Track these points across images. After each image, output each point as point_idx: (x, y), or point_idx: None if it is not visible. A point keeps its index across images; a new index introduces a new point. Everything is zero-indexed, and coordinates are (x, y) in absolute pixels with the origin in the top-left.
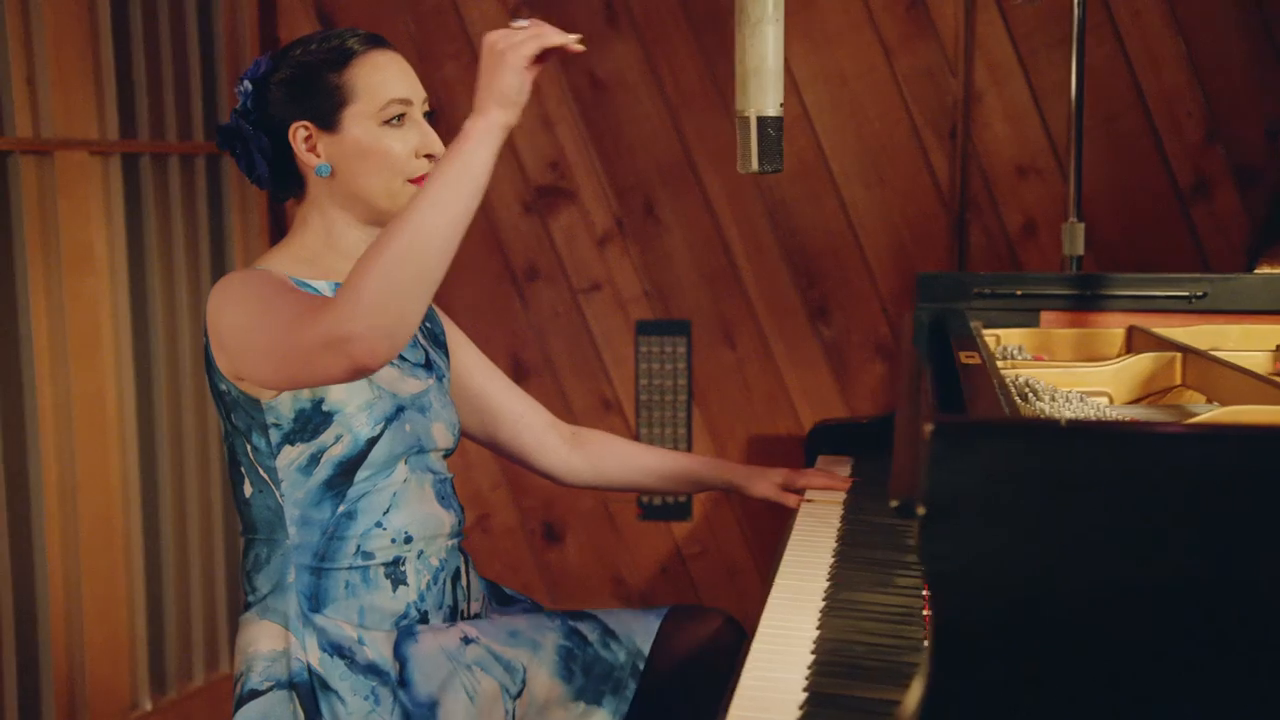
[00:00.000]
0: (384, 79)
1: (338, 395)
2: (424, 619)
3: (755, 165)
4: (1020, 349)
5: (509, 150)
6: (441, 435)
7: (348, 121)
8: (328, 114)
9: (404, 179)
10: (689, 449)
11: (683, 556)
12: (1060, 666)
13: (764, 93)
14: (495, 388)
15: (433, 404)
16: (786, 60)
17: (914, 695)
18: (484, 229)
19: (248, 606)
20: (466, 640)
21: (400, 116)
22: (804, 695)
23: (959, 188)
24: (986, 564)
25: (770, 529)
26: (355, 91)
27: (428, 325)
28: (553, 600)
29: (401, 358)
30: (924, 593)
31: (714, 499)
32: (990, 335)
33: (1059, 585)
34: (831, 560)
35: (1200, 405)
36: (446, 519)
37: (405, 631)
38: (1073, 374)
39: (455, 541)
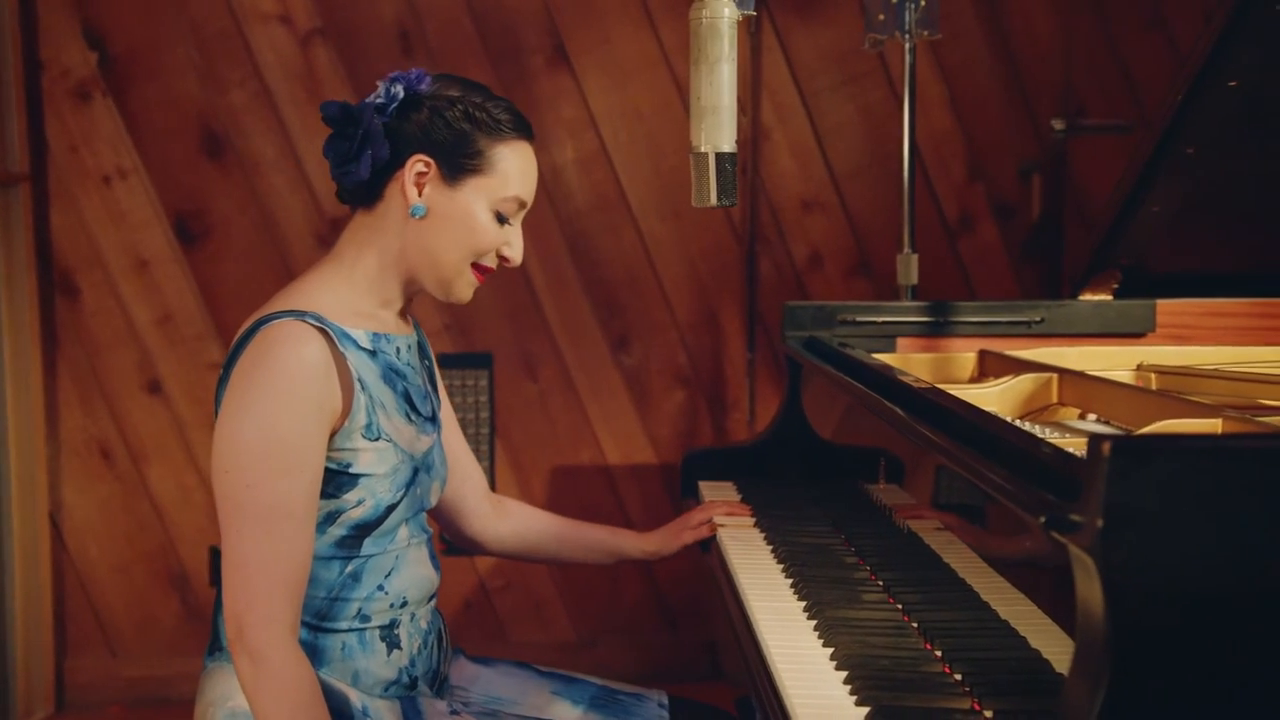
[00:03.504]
0: (521, 174)
1: (368, 460)
2: (412, 684)
3: (714, 200)
4: None
5: (301, 181)
6: (436, 493)
7: (469, 187)
8: (457, 169)
9: (471, 261)
10: (492, 484)
11: (487, 590)
12: (1232, 667)
13: (721, 129)
14: (457, 440)
15: (435, 461)
16: (583, 96)
17: (1078, 696)
18: (275, 262)
19: (214, 653)
20: None
21: (508, 216)
22: (865, 710)
23: (749, 221)
24: (1160, 571)
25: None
26: (493, 168)
27: (427, 363)
28: None
29: (418, 412)
30: (898, 606)
31: None
32: None
33: (1230, 589)
34: (789, 581)
35: (1076, 420)
36: (435, 579)
37: (409, 703)
38: (965, 393)
39: (435, 602)
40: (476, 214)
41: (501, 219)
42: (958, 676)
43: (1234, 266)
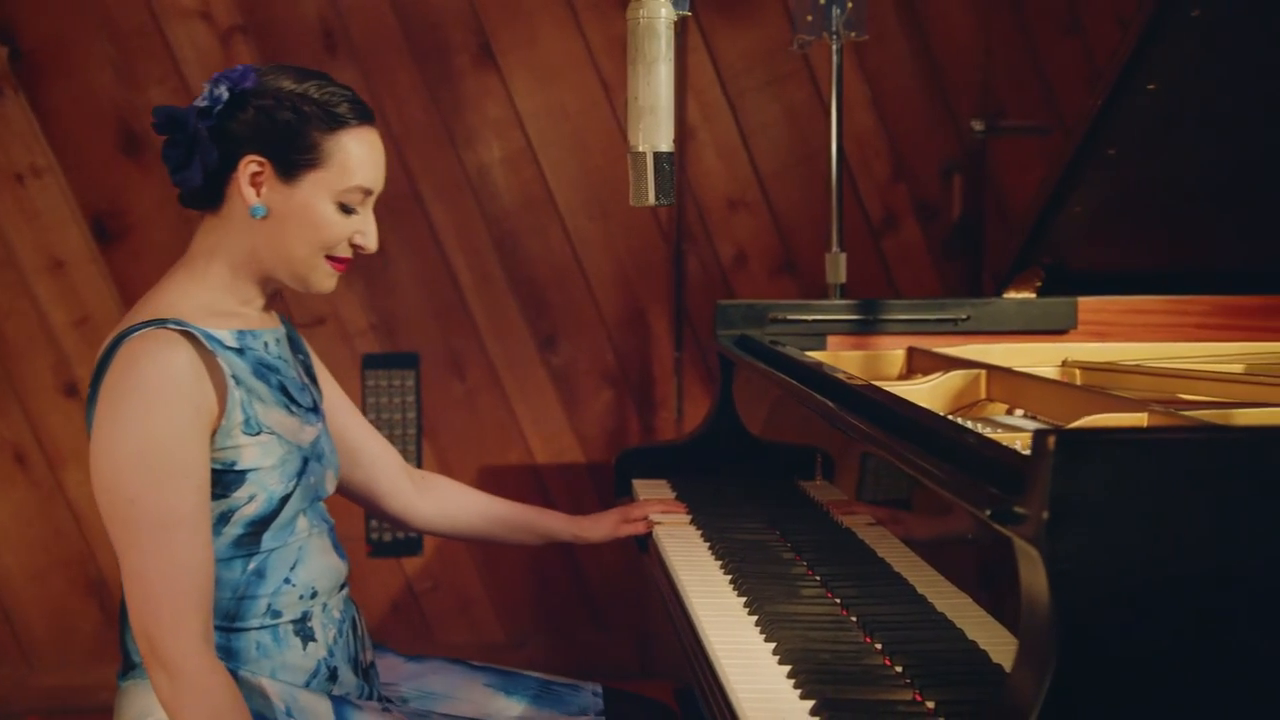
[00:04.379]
0: (360, 163)
1: (252, 455)
2: (334, 675)
3: (652, 199)
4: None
5: None
6: (330, 481)
7: (307, 183)
8: (292, 166)
9: (325, 254)
10: None
11: (414, 593)
12: (1174, 654)
13: (659, 129)
14: (356, 425)
15: (325, 450)
16: (510, 96)
17: (1024, 684)
18: None
19: (127, 673)
20: None
21: (355, 206)
22: (810, 703)
23: (676, 220)
24: (1103, 560)
25: (504, 561)
26: (331, 160)
27: (301, 357)
28: None
29: (297, 404)
30: (836, 600)
31: None
32: None
33: (1170, 578)
34: (728, 578)
35: (1005, 416)
36: (342, 568)
37: (340, 702)
38: (897, 389)
39: (347, 590)
40: (319, 209)
41: (348, 209)
42: (899, 669)
43: (1151, 264)
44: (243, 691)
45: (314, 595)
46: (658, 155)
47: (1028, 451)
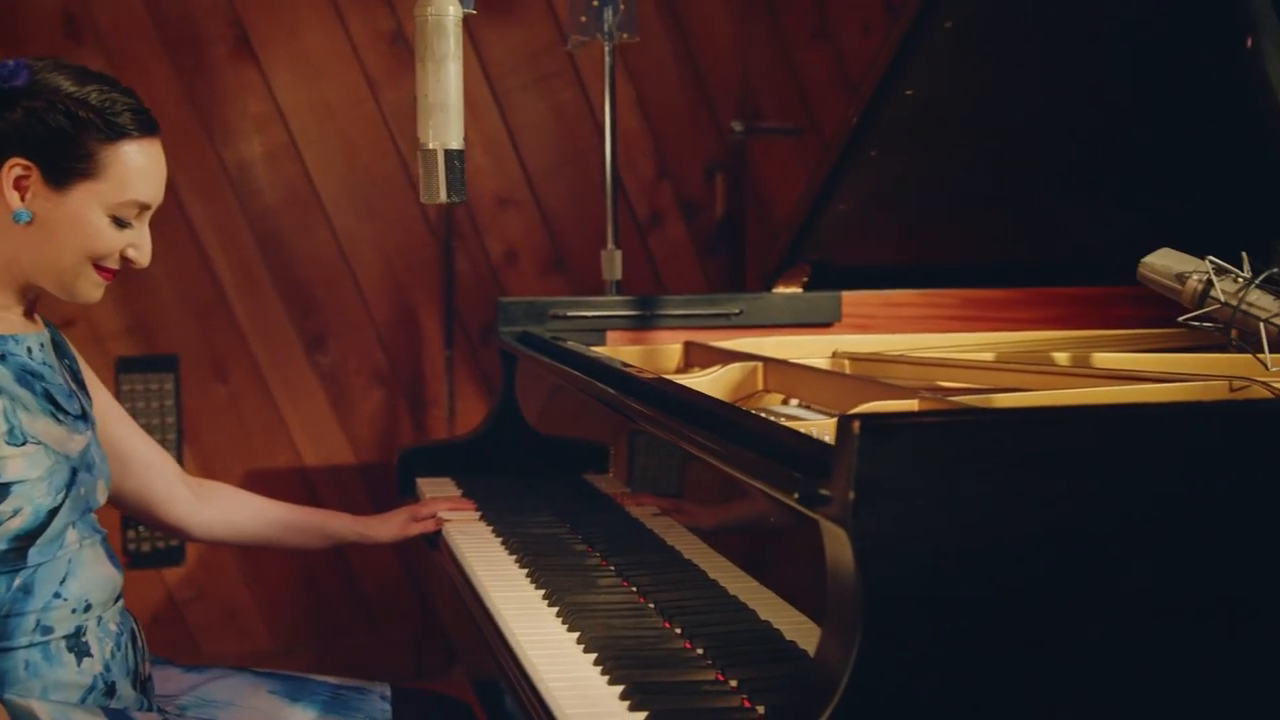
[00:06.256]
0: (139, 177)
1: (17, 466)
2: (111, 690)
3: (443, 196)
4: None
5: None
6: (102, 492)
7: (79, 192)
8: (63, 173)
9: (92, 263)
10: None
11: (177, 603)
12: (976, 628)
13: (448, 126)
14: (127, 432)
15: (95, 460)
16: (271, 90)
17: (833, 656)
18: None
19: None
20: None
21: (128, 219)
22: (619, 688)
23: (445, 218)
24: (906, 537)
25: (271, 566)
26: (106, 173)
27: (68, 362)
28: None
29: (65, 411)
30: (632, 588)
31: None
32: None
33: (966, 551)
34: (525, 571)
35: (781, 406)
36: (118, 579)
37: (116, 716)
38: (680, 381)
39: (123, 602)
40: (89, 219)
41: (122, 222)
42: (699, 651)
43: (908, 259)
44: (10, 715)
45: (88, 609)
46: (449, 152)
47: (818, 438)
